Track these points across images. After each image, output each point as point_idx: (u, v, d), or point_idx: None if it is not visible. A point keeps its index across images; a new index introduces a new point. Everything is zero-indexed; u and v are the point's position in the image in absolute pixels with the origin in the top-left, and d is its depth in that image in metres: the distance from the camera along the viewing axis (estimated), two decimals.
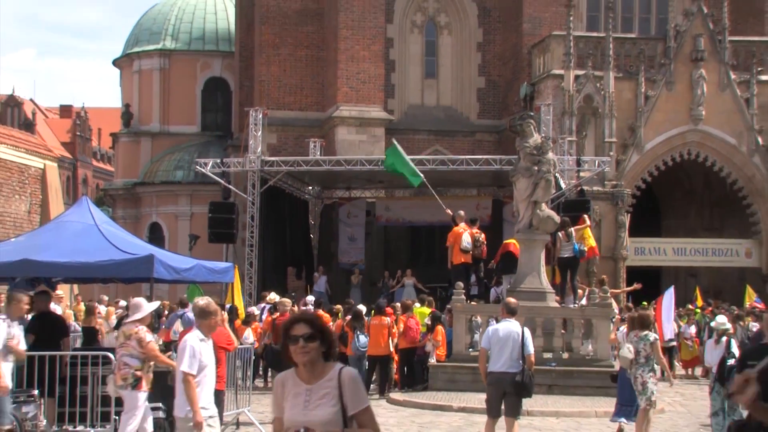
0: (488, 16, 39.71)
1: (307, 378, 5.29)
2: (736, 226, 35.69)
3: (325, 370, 5.30)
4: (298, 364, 5.29)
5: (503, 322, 12.94)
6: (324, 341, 5.28)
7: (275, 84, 38.35)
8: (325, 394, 5.22)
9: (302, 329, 5.22)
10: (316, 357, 5.25)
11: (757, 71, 34.43)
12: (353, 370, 5.51)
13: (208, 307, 9.64)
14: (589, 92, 33.64)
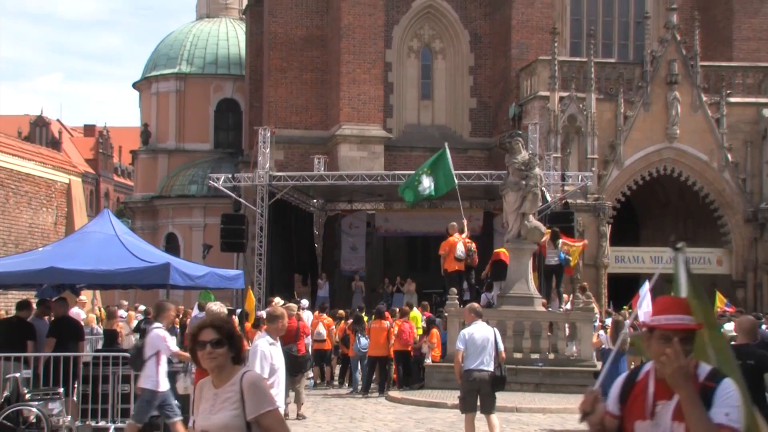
0: (479, 42, 39.78)
1: (216, 383, 5.04)
2: (707, 236, 35.65)
3: (231, 374, 5.01)
4: (206, 369, 5.05)
5: (475, 325, 12.80)
6: (232, 346, 4.99)
7: (282, 105, 38.40)
8: (228, 399, 4.95)
9: (209, 335, 4.94)
10: (224, 362, 4.97)
11: (726, 94, 34.51)
12: (255, 374, 5.26)
13: (275, 311, 9.65)
14: (572, 112, 33.64)
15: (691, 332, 4.28)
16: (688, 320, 4.27)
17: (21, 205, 29.61)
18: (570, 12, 40.86)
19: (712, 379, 4.23)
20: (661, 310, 4.33)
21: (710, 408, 4.13)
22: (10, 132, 48.74)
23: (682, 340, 4.16)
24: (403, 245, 34.77)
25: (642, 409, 4.36)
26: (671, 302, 4.42)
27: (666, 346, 4.13)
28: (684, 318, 4.26)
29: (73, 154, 67.83)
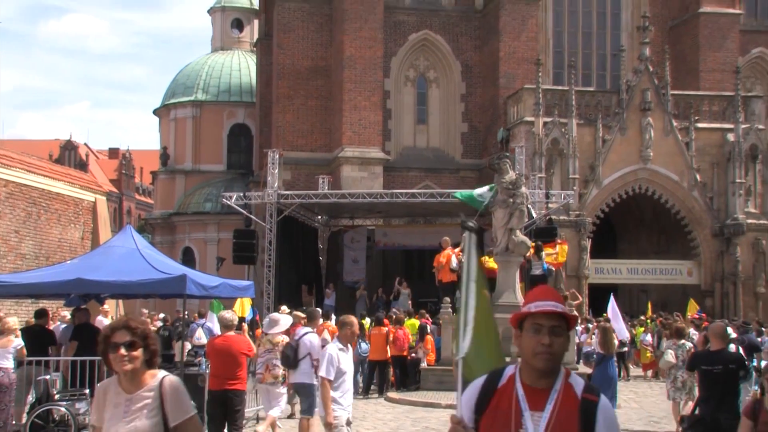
0: (470, 72, 39.86)
1: (128, 387, 4.40)
2: (679, 249, 35.66)
3: (146, 379, 4.41)
4: (119, 373, 4.41)
5: None
6: (147, 349, 4.38)
7: (290, 129, 38.43)
8: (145, 405, 4.36)
9: (123, 336, 4.33)
10: (138, 366, 4.36)
11: (694, 120, 34.63)
12: (176, 379, 4.57)
13: (346, 318, 9.56)
14: (555, 136, 33.69)
15: (564, 322, 3.56)
16: (561, 307, 3.58)
17: (51, 222, 29.56)
18: (552, 45, 41.07)
19: (592, 392, 3.57)
20: (533, 297, 3.65)
21: (593, 427, 3.45)
22: (41, 155, 48.78)
23: (553, 331, 3.51)
24: (401, 258, 34.62)
25: (505, 421, 3.53)
26: (543, 289, 3.78)
27: (540, 337, 3.50)
28: (557, 305, 3.56)
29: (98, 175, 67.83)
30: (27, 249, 27.55)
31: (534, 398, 3.52)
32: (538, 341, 3.50)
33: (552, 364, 3.53)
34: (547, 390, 3.54)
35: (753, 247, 34.47)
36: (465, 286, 4.25)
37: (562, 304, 3.59)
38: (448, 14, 40.05)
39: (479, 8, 39.95)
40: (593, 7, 42.03)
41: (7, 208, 27.53)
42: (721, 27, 40.05)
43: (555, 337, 3.51)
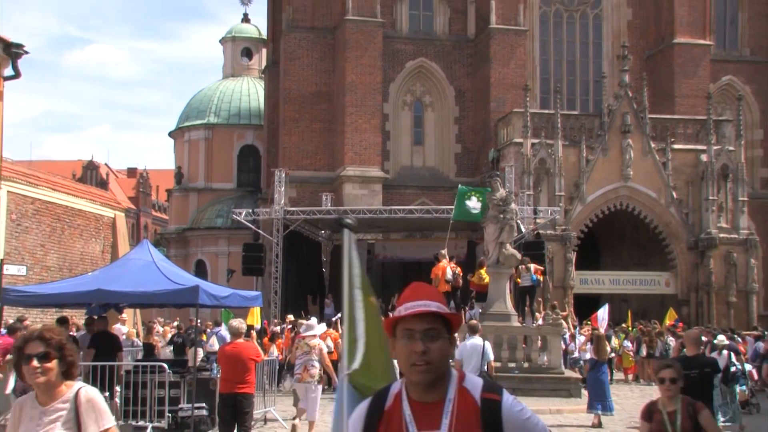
0: (463, 97, 39.94)
1: (43, 399, 3.99)
2: (657, 261, 35.66)
3: (62, 390, 3.99)
4: (32, 385, 4.00)
5: (470, 339, 13.19)
6: (63, 360, 3.95)
7: (295, 150, 38.44)
8: (59, 417, 3.95)
9: (36, 347, 3.90)
10: (53, 378, 3.94)
11: (670, 141, 34.74)
12: (92, 390, 4.14)
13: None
14: (542, 156, 33.71)
15: (442, 323, 2.87)
16: (436, 306, 2.86)
17: (74, 236, 29.55)
18: (539, 72, 41.17)
19: (492, 391, 2.91)
20: (404, 298, 2.95)
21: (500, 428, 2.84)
22: (65, 174, 48.84)
23: (427, 335, 2.81)
24: (399, 269, 34.59)
25: None
26: (415, 287, 3.01)
27: (412, 344, 2.82)
28: (430, 303, 2.86)
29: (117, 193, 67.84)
30: (52, 261, 27.53)
31: (425, 416, 2.84)
32: (411, 349, 2.82)
33: (431, 375, 2.83)
34: (440, 403, 2.87)
35: (725, 260, 34.45)
36: (348, 293, 3.64)
37: (442, 302, 2.92)
38: (443, 43, 40.17)
39: (471, 38, 40.07)
40: (576, 37, 42.19)
41: (34, 224, 27.52)
42: (694, 56, 40.20)
43: (430, 342, 2.82)
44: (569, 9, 42.04)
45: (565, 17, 42.07)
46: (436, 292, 3.03)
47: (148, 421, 13.33)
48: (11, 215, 25.72)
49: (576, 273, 33.44)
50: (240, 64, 54.41)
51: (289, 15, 39.21)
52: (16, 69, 22.85)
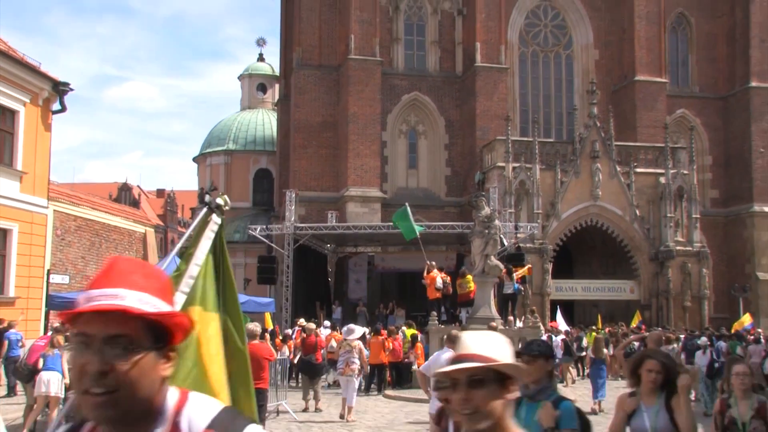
0: (452, 126, 39.96)
1: None
2: (623, 271, 35.59)
3: None
4: None
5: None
6: None
7: (304, 173, 38.43)
8: None
9: None
10: None
11: (633, 166, 34.83)
12: None
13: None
14: (522, 179, 33.71)
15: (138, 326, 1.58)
16: (136, 299, 1.59)
17: (110, 249, 29.52)
18: (519, 104, 41.26)
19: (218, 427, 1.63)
20: (92, 282, 1.68)
21: None
22: (103, 195, 48.81)
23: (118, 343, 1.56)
24: (396, 279, 34.47)
25: None
26: (115, 264, 1.68)
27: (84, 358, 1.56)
28: (119, 293, 1.59)
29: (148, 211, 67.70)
30: (90, 271, 27.47)
31: None
32: (82, 367, 1.56)
33: (113, 409, 1.56)
34: None
35: (681, 269, 34.46)
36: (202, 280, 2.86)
37: (158, 290, 1.66)
38: (434, 79, 40.24)
39: (459, 74, 40.15)
40: (551, 74, 42.28)
41: (76, 238, 27.48)
42: (652, 92, 40.29)
43: (118, 358, 1.56)
44: (544, 50, 42.16)
45: (541, 57, 42.17)
46: (151, 273, 1.70)
47: None
48: (57, 231, 25.63)
49: (552, 281, 33.41)
50: (256, 97, 54.52)
51: (299, 54, 39.32)
52: (62, 104, 22.92)
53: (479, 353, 2.12)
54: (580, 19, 42.02)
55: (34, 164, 22.05)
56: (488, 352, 2.13)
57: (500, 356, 2.13)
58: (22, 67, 21.47)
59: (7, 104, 21.13)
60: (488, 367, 2.08)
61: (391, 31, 39.90)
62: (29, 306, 21.08)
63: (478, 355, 2.11)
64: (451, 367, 2.11)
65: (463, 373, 2.09)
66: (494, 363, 2.10)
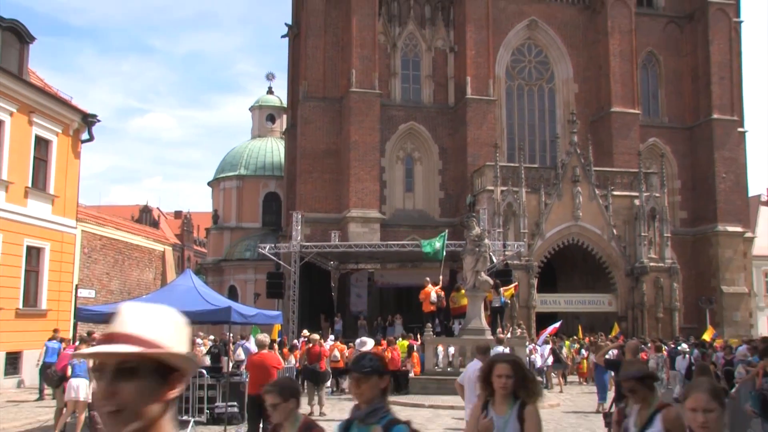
0: (445, 153, 40.13)
1: None
2: (602, 285, 35.62)
3: None
4: None
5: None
6: None
7: (309, 196, 38.49)
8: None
9: None
10: None
11: (610, 189, 34.98)
12: None
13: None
14: (510, 201, 33.82)
15: None
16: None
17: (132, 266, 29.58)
18: (506, 133, 41.46)
19: None
20: None
21: None
22: (125, 217, 48.93)
23: None
24: (394, 293, 34.45)
25: None
26: None
27: None
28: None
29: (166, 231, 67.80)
30: (114, 286, 27.55)
31: None
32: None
33: None
34: None
35: (654, 284, 34.54)
36: None
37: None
38: (428, 110, 40.46)
39: (451, 105, 40.38)
40: (536, 106, 42.55)
41: (101, 256, 27.55)
42: (627, 122, 40.55)
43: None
44: (529, 83, 42.46)
45: (525, 90, 42.46)
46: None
47: (191, 416, 13.25)
48: (84, 249, 25.71)
49: (537, 295, 33.43)
50: (265, 127, 54.69)
51: (305, 88, 39.54)
52: (91, 134, 23.13)
53: (137, 334, 1.53)
54: (561, 56, 42.38)
55: (65, 189, 22.23)
56: (150, 333, 1.53)
57: (166, 340, 1.55)
58: (55, 101, 21.74)
59: (43, 134, 21.38)
60: (143, 354, 1.50)
61: (389, 66, 40.18)
62: (59, 318, 21.20)
63: (135, 337, 1.53)
64: (91, 350, 1.58)
65: (111, 359, 1.52)
66: (154, 350, 1.52)
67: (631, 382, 4.31)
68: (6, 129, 19.84)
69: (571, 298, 35.56)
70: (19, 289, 20.29)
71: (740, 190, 41.88)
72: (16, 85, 20.04)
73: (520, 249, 31.36)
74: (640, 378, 4.30)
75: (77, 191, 23.24)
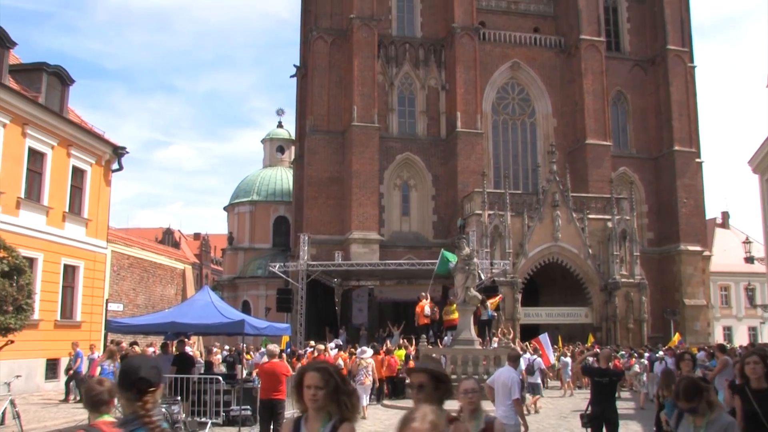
0: (438, 180, 40.29)
1: None
2: (579, 299, 35.60)
3: None
4: None
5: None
6: None
7: (315, 220, 38.57)
8: None
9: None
10: None
11: (586, 213, 35.08)
12: None
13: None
14: (496, 224, 33.92)
15: None
16: None
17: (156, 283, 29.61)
18: (493, 163, 41.68)
19: None
20: None
21: None
22: (150, 238, 48.98)
23: None
24: (392, 307, 34.38)
25: None
26: None
27: None
28: None
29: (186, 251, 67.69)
30: (140, 301, 27.58)
31: None
32: None
33: None
34: None
35: (625, 298, 34.56)
36: None
37: None
38: (423, 141, 40.68)
39: (443, 138, 40.62)
40: (519, 138, 42.85)
41: (128, 273, 27.61)
42: (600, 153, 40.84)
43: None
44: (513, 118, 42.82)
45: (510, 124, 42.79)
46: None
47: (209, 418, 13.25)
48: (114, 267, 25.81)
49: (522, 309, 33.40)
50: (275, 157, 54.93)
51: (311, 122, 39.82)
52: (120, 164, 23.35)
53: None
54: (541, 94, 42.79)
55: (97, 213, 22.42)
56: None
57: None
58: (90, 136, 22.03)
59: (79, 165, 21.67)
60: None
61: (387, 102, 40.50)
62: (92, 329, 21.31)
63: None
64: None
65: None
66: None
67: (420, 375, 3.49)
68: (48, 161, 20.15)
69: (551, 311, 35.56)
70: (57, 302, 20.49)
71: (699, 213, 42.30)
72: (57, 122, 20.39)
73: (505, 267, 31.43)
74: (432, 374, 3.46)
75: (108, 215, 23.42)
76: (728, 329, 47.40)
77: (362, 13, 39.08)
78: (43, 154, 20.02)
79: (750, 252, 29.27)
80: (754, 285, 35.67)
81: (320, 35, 40.30)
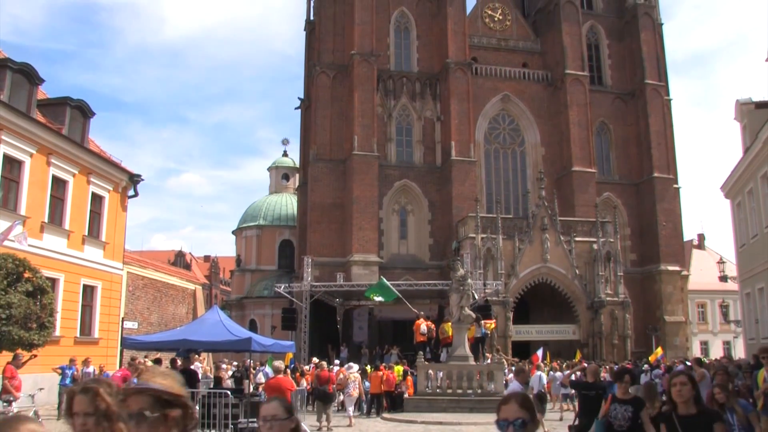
0: (434, 206, 40.39)
1: None
2: (567, 317, 35.51)
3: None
4: None
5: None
6: None
7: (318, 243, 38.59)
8: None
9: None
10: None
11: (573, 236, 35.16)
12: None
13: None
14: (489, 246, 33.98)
15: None
16: None
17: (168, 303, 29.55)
18: (485, 189, 41.86)
19: None
20: None
21: None
22: (163, 260, 48.96)
23: None
24: (391, 326, 34.29)
25: None
26: None
27: None
28: None
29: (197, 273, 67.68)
30: (154, 319, 27.50)
31: None
32: None
33: None
34: None
35: (610, 315, 34.55)
36: None
37: None
38: (419, 169, 40.87)
39: (439, 165, 40.81)
40: (509, 166, 43.07)
41: (143, 293, 27.57)
42: (585, 180, 41.08)
43: None
44: (504, 147, 43.10)
45: (501, 152, 43.05)
46: None
47: (217, 430, 13.17)
48: (129, 287, 25.80)
49: (513, 326, 33.31)
50: (281, 184, 55.07)
51: (315, 151, 40.03)
52: (135, 191, 23.48)
53: None
54: (530, 124, 43.13)
55: (114, 236, 22.50)
56: None
57: None
58: (108, 164, 22.21)
59: (97, 191, 21.82)
60: None
61: (385, 132, 40.78)
62: (108, 345, 21.25)
63: None
64: None
65: None
66: None
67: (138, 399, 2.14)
68: (69, 188, 20.34)
69: (541, 328, 35.45)
70: (76, 320, 20.55)
71: (677, 235, 42.47)
72: (78, 152, 20.62)
73: (497, 287, 31.42)
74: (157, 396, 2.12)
75: (124, 238, 23.49)
76: (705, 344, 47.79)
77: (362, 50, 39.53)
78: (66, 181, 20.21)
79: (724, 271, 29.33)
80: (728, 302, 35.69)
81: (323, 70, 40.72)
